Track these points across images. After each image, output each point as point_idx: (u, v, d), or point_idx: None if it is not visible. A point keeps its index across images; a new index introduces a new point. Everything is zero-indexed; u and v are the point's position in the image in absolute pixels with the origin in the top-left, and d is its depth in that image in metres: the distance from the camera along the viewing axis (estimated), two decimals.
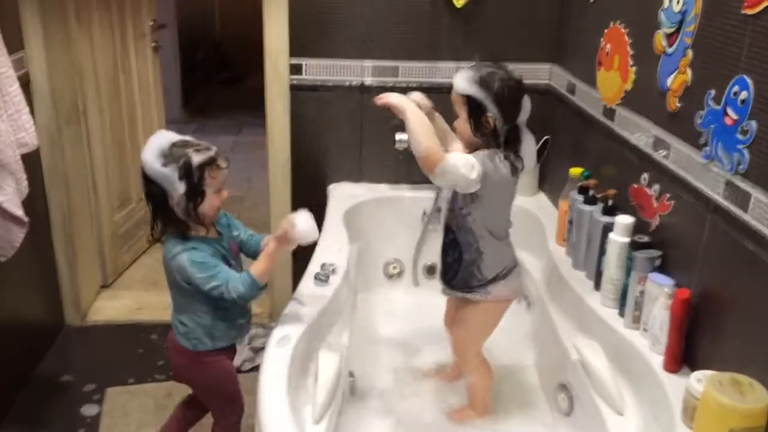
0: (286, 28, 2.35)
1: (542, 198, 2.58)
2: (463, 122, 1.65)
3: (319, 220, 1.87)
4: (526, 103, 1.64)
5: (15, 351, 2.24)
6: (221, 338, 1.67)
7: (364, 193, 2.56)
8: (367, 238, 2.45)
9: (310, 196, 2.51)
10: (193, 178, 1.52)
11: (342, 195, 2.52)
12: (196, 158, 1.52)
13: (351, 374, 1.97)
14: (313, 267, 1.95)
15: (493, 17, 2.42)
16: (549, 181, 2.55)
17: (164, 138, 1.57)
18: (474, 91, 1.60)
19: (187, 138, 1.61)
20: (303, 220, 1.60)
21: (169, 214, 1.55)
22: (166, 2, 4.87)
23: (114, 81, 2.86)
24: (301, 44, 2.38)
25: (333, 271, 1.92)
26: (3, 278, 2.10)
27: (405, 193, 2.57)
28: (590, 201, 2.01)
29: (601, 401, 1.60)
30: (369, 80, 2.46)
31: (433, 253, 2.52)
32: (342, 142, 2.54)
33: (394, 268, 2.59)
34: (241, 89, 6.12)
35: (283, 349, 1.58)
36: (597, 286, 1.89)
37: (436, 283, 2.34)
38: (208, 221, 1.61)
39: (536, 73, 2.50)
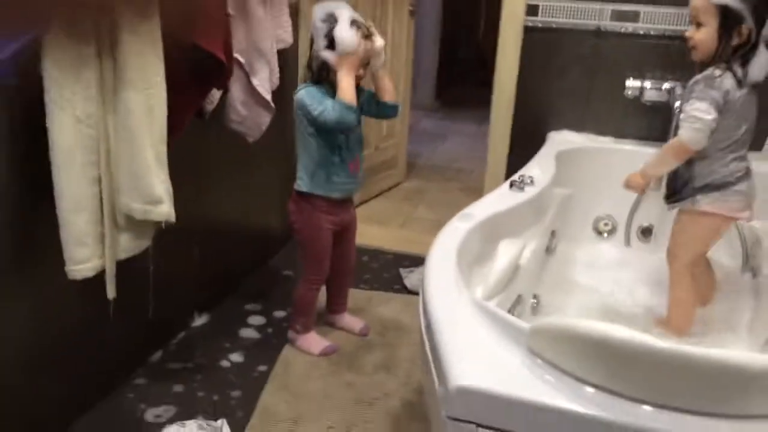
0: None
1: None
2: (708, 32, 1.64)
3: None
4: None
5: (253, 242, 2.60)
6: (319, 185, 1.91)
7: (584, 142, 2.50)
8: (578, 186, 2.38)
9: (528, 140, 2.52)
10: (340, 42, 1.77)
11: (560, 141, 2.48)
12: (347, 30, 1.77)
13: (535, 296, 1.95)
14: (513, 177, 1.97)
15: None
16: None
17: (343, 6, 1.84)
18: (732, 1, 1.59)
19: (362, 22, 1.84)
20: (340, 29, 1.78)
21: (310, 60, 1.87)
22: (432, 7, 5.21)
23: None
24: None
25: (531, 182, 1.91)
26: (251, 186, 2.45)
27: (629, 146, 2.45)
28: None
29: None
30: (606, 24, 2.41)
31: (651, 215, 2.37)
32: (568, 89, 2.51)
33: (606, 224, 2.47)
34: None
35: (463, 223, 1.63)
36: None
37: (650, 246, 2.27)
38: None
39: None
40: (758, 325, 1.86)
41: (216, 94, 1.97)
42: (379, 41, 1.85)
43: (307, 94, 1.85)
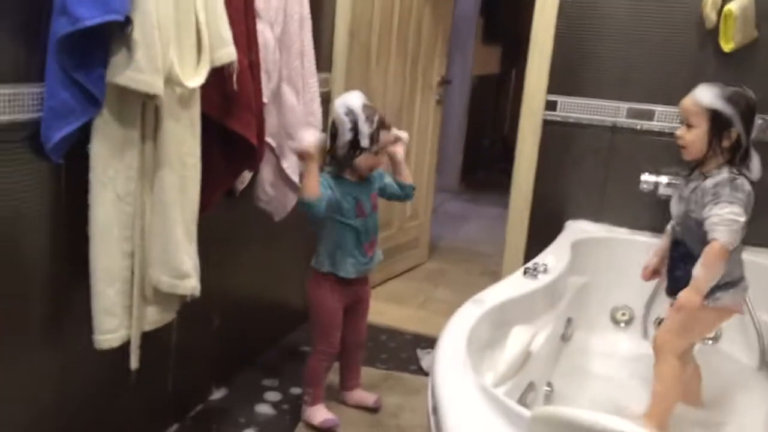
0: (547, 67, 2.55)
1: None
2: (698, 134, 1.75)
3: None
4: (757, 122, 1.76)
5: (274, 317, 2.66)
6: (335, 265, 2.00)
7: (600, 232, 2.55)
8: (594, 275, 2.41)
9: (546, 229, 2.58)
10: (363, 135, 1.90)
11: (577, 230, 2.54)
12: (368, 124, 1.91)
13: (549, 384, 1.96)
14: (527, 265, 2.02)
15: (765, 66, 2.31)
16: None
17: (359, 97, 1.97)
18: (721, 105, 1.70)
19: (372, 107, 1.97)
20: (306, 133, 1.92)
21: (333, 151, 1.97)
22: (459, 98, 5.44)
23: (397, 120, 3.31)
24: (559, 82, 2.55)
25: (545, 270, 1.96)
26: (273, 262, 2.54)
27: (644, 238, 2.49)
28: None
29: None
30: (622, 121, 2.50)
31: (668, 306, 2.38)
32: (585, 180, 2.59)
33: (623, 314, 2.49)
34: None
35: (475, 308, 1.67)
36: None
37: None
38: (360, 173, 1.98)
39: None
40: None
41: (247, 175, 2.09)
42: (404, 135, 2.03)
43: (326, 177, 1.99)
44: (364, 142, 1.92)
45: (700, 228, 1.73)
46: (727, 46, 2.27)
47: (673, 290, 1.83)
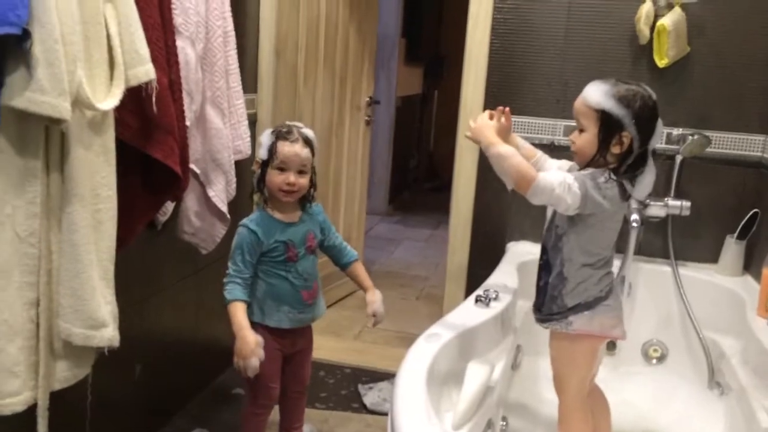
0: (483, 84, 2.49)
1: (749, 281, 2.29)
2: (588, 138, 1.51)
3: None
4: (659, 128, 1.52)
5: (203, 359, 2.44)
6: (269, 315, 1.76)
7: None
8: None
9: (487, 251, 2.50)
10: (260, 149, 1.72)
11: (520, 252, 2.47)
12: (271, 133, 1.73)
13: (504, 418, 1.85)
14: (478, 292, 1.92)
15: (699, 81, 2.33)
16: (757, 262, 2.27)
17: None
18: (611, 106, 1.47)
19: (291, 126, 1.77)
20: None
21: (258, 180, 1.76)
22: (385, 119, 5.37)
23: (327, 142, 3.18)
24: (494, 101, 2.49)
25: (496, 298, 1.86)
26: (203, 299, 2.34)
27: None
28: None
29: None
30: (560, 140, 2.47)
31: None
32: (525, 200, 2.52)
33: None
34: (443, 196, 6.39)
35: (430, 345, 1.55)
36: None
37: (614, 361, 2.16)
38: (276, 204, 1.75)
39: (747, 144, 2.32)
40: None
41: (170, 205, 1.90)
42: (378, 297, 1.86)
43: (235, 238, 1.76)
44: (262, 153, 1.72)
45: (559, 239, 1.59)
46: (661, 62, 2.27)
47: (535, 303, 1.69)
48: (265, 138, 1.74)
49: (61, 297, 1.33)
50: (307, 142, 1.74)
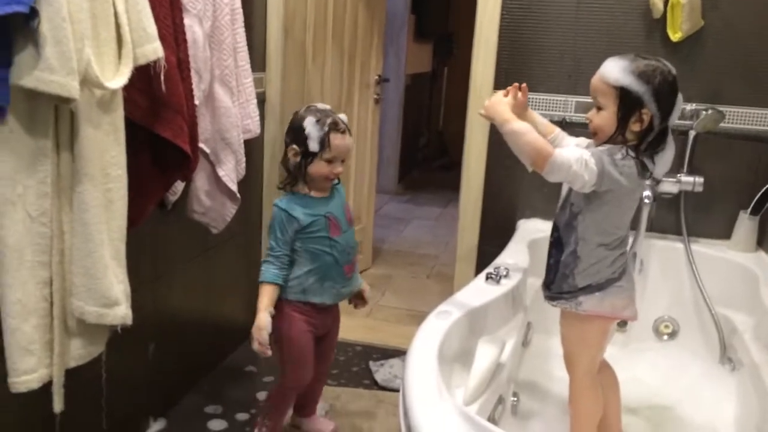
0: (494, 61, 2.46)
1: (762, 257, 2.28)
2: (607, 116, 1.47)
3: None
4: (680, 103, 1.48)
5: (215, 337, 2.46)
6: (311, 292, 1.77)
7: None
8: None
9: (498, 229, 2.49)
10: (310, 141, 1.71)
11: (531, 229, 2.46)
12: (317, 122, 1.71)
13: (515, 395, 1.86)
14: (488, 269, 1.91)
15: (712, 55, 2.29)
16: None
17: (321, 104, 1.81)
18: (630, 82, 1.44)
19: (330, 113, 1.77)
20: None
21: (286, 164, 1.79)
22: (394, 97, 5.33)
23: None
24: (505, 77, 2.46)
25: (507, 274, 1.86)
26: (213, 278, 2.35)
27: None
28: None
29: None
30: (572, 116, 2.44)
31: None
32: (536, 177, 2.50)
33: None
34: (453, 174, 6.37)
35: (441, 322, 1.55)
36: None
37: (624, 338, 2.14)
38: (316, 186, 1.77)
39: (761, 118, 2.29)
40: (745, 422, 1.80)
41: (179, 185, 1.90)
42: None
43: (273, 218, 1.78)
44: (313, 146, 1.73)
45: (574, 217, 1.56)
46: (674, 36, 2.23)
47: (545, 281, 1.67)
48: (314, 129, 1.72)
49: (73, 276, 1.34)
50: (349, 130, 1.78)
